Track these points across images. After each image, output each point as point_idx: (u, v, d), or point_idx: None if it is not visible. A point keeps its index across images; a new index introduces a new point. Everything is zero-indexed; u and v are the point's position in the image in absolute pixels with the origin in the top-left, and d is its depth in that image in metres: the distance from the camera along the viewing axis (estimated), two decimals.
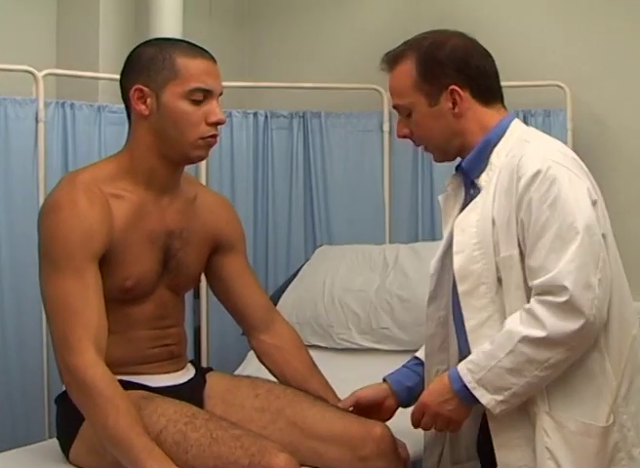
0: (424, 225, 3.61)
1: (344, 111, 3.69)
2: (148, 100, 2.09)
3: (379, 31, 3.79)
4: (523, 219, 1.91)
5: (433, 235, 3.56)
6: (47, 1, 3.50)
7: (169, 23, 3.36)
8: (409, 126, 2.12)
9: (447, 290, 2.13)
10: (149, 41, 2.23)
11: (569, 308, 1.83)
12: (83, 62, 3.41)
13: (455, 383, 1.97)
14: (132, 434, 1.90)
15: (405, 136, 2.15)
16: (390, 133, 3.64)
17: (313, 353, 3.18)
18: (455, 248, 2.02)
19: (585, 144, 2.06)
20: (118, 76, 2.17)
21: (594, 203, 1.93)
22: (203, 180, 3.44)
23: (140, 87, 2.09)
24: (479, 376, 1.92)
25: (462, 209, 2.09)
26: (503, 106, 2.11)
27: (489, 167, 2.02)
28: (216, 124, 2.13)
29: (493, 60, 2.10)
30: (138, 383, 2.15)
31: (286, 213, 3.69)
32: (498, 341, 1.90)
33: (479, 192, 2.03)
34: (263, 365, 2.44)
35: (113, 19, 3.50)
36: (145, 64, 2.09)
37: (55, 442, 2.26)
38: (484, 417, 2.05)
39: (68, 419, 2.14)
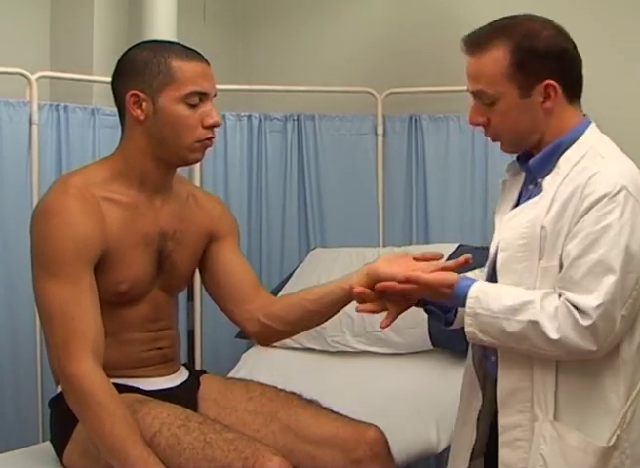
0: (418, 228, 3.61)
1: (338, 114, 3.69)
2: (144, 105, 2.09)
3: (373, 35, 3.80)
4: (575, 230, 1.89)
5: (427, 238, 3.57)
6: (40, 4, 3.49)
7: (163, 27, 3.35)
8: (486, 114, 2.01)
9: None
10: (141, 44, 2.21)
11: (588, 332, 1.85)
12: (77, 65, 3.40)
13: (459, 295, 1.97)
14: (127, 443, 1.90)
15: (479, 124, 2.04)
16: (384, 135, 3.64)
17: (307, 356, 3.22)
18: (501, 244, 2.01)
19: None
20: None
21: None
22: (197, 183, 3.44)
23: (136, 92, 2.08)
24: (480, 312, 1.93)
25: (519, 197, 2.09)
26: (580, 105, 2.05)
27: (556, 170, 1.97)
28: (212, 126, 2.13)
29: (579, 52, 2.03)
30: (131, 386, 2.15)
31: (280, 215, 3.69)
32: (518, 303, 1.90)
33: (539, 191, 1.99)
34: (271, 327, 2.28)
35: (107, 22, 3.50)
36: (140, 69, 2.08)
37: (48, 445, 2.26)
38: (494, 416, 2.06)
39: (62, 422, 2.14)
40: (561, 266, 1.91)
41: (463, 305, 1.96)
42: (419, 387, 2.95)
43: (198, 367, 3.36)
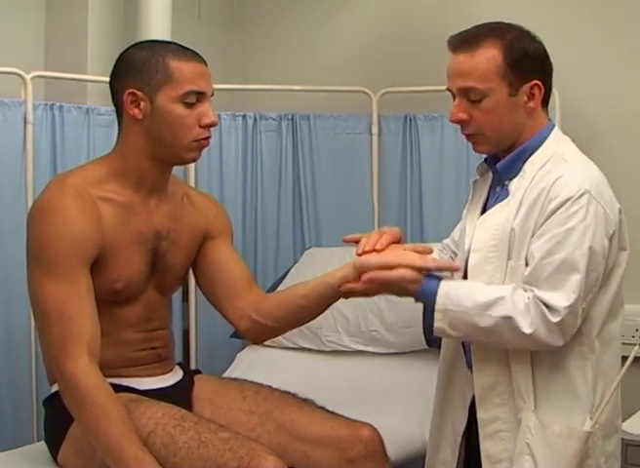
0: (413, 228, 3.61)
1: (333, 114, 3.69)
2: (142, 104, 2.10)
3: (368, 35, 3.80)
4: (541, 231, 1.98)
5: (422, 237, 3.57)
6: (35, 3, 3.49)
7: (158, 26, 3.35)
8: (469, 111, 2.07)
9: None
10: (140, 43, 2.23)
11: (557, 328, 1.94)
12: (71, 64, 3.40)
13: (426, 292, 2.04)
14: (122, 442, 1.91)
15: (461, 121, 2.09)
16: (379, 135, 3.64)
17: (302, 356, 3.22)
18: (473, 245, 2.10)
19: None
20: (107, 78, 2.17)
21: (611, 237, 2.00)
22: (192, 183, 3.43)
23: (134, 91, 2.09)
24: (451, 308, 2.00)
25: (487, 198, 2.17)
26: (547, 111, 2.14)
27: (521, 174, 2.07)
28: (209, 126, 2.14)
29: None
30: (126, 386, 2.15)
31: (275, 215, 3.69)
32: (490, 299, 1.97)
33: (506, 194, 2.08)
34: (262, 324, 2.27)
35: (102, 22, 3.49)
36: (138, 68, 2.09)
37: (43, 445, 2.26)
38: (472, 408, 2.12)
39: (56, 422, 2.14)
40: (526, 264, 2.00)
41: (429, 302, 2.03)
42: (413, 386, 2.95)
43: (193, 366, 3.36)
